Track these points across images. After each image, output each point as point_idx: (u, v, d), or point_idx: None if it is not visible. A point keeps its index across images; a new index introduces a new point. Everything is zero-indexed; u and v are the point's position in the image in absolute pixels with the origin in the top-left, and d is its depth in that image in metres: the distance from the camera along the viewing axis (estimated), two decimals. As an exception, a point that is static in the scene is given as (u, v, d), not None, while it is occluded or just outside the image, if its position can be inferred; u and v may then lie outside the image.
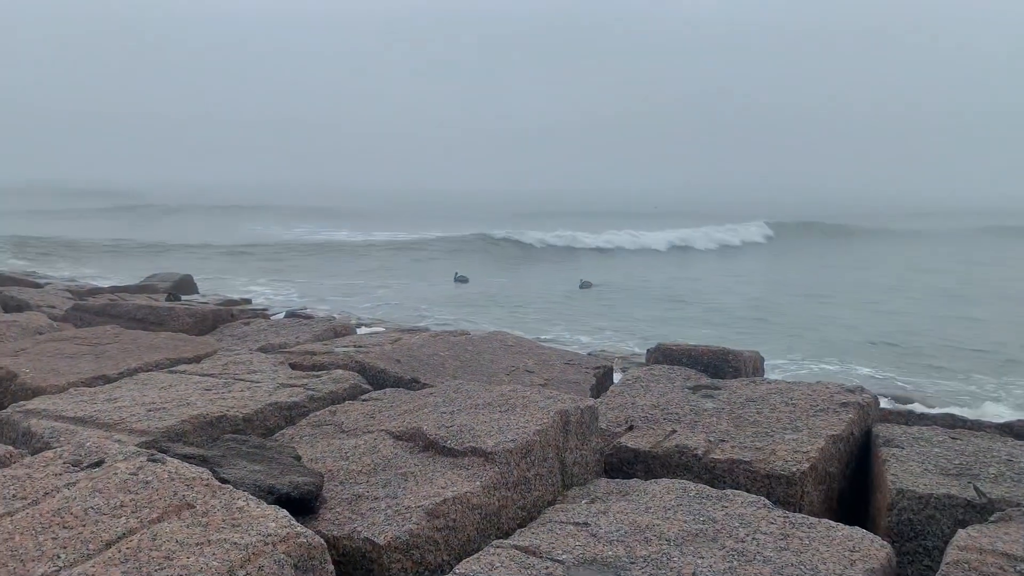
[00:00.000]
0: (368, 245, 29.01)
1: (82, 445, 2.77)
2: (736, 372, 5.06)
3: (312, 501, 2.74)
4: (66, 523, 2.25)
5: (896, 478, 3.32)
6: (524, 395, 3.68)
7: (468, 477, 2.92)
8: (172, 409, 3.74)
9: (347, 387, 4.34)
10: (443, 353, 5.34)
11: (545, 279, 21.09)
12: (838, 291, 18.69)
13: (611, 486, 3.25)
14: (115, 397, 3.98)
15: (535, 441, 3.16)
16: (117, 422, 3.55)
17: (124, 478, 2.50)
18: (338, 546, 2.56)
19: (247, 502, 2.40)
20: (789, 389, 4.41)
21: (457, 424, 3.34)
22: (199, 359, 5.11)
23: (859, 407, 4.07)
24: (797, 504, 3.33)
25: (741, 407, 4.16)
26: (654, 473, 3.60)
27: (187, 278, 13.32)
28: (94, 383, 4.43)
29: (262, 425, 3.78)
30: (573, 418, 3.43)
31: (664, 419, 4.06)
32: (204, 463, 2.77)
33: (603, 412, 4.15)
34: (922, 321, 13.99)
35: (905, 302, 16.58)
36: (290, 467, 2.89)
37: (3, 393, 4.41)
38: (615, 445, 3.77)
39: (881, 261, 27.08)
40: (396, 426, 3.45)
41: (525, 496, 3.04)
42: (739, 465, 3.49)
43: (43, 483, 2.50)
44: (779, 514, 2.82)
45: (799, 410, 4.05)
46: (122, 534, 2.21)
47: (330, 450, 3.31)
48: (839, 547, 2.56)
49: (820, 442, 3.63)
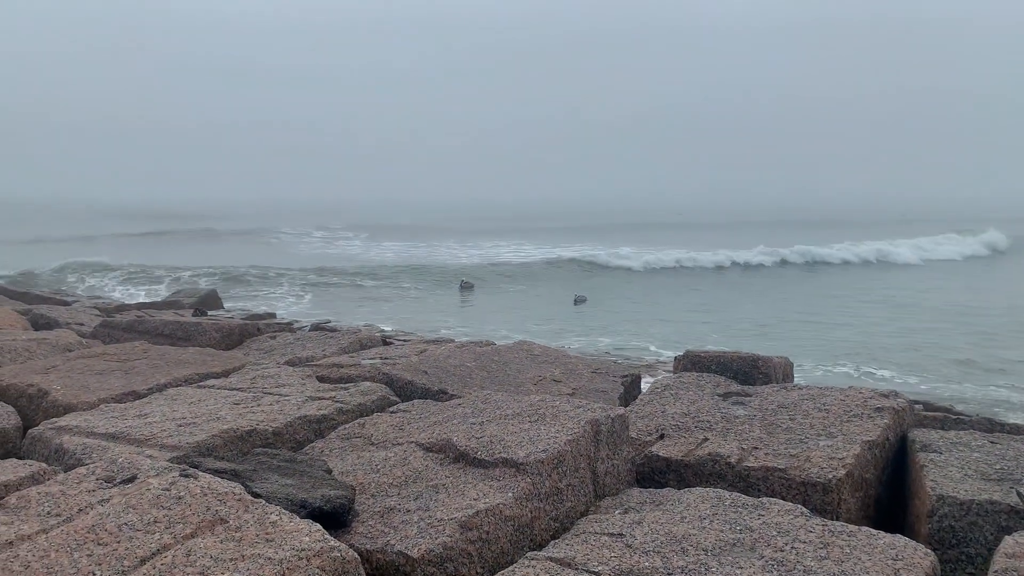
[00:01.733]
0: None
1: (114, 461, 2.78)
2: (767, 378, 5.00)
3: (344, 515, 2.73)
4: (101, 540, 2.25)
5: (936, 484, 3.26)
6: (553, 405, 3.65)
7: (500, 488, 2.89)
8: (202, 424, 3.75)
9: (375, 399, 4.33)
10: (470, 364, 5.32)
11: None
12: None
13: (644, 496, 3.21)
14: (145, 413, 3.99)
15: (566, 451, 3.13)
16: (148, 438, 3.56)
17: (157, 494, 2.50)
18: (371, 559, 2.54)
19: (280, 516, 2.39)
20: (821, 395, 4.34)
21: (487, 435, 3.32)
22: (227, 373, 5.12)
23: (894, 412, 4.00)
24: (834, 512, 3.28)
25: (773, 414, 4.11)
26: (687, 482, 3.55)
27: (212, 293, 13.44)
28: (124, 399, 4.45)
29: (292, 438, 3.78)
30: (604, 427, 3.40)
31: (695, 427, 4.01)
32: (236, 477, 2.76)
33: (633, 421, 4.11)
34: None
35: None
36: (321, 480, 2.88)
37: (35, 410, 4.44)
38: (647, 454, 3.73)
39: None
40: (425, 438, 3.44)
41: (557, 507, 3.01)
42: (773, 473, 3.44)
43: (77, 500, 2.50)
44: (817, 522, 2.77)
45: (832, 416, 3.99)
46: (156, 550, 2.21)
47: (360, 463, 3.30)
48: (881, 556, 2.50)
49: (855, 448, 3.57)
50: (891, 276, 24.83)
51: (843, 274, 26.15)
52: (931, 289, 20.82)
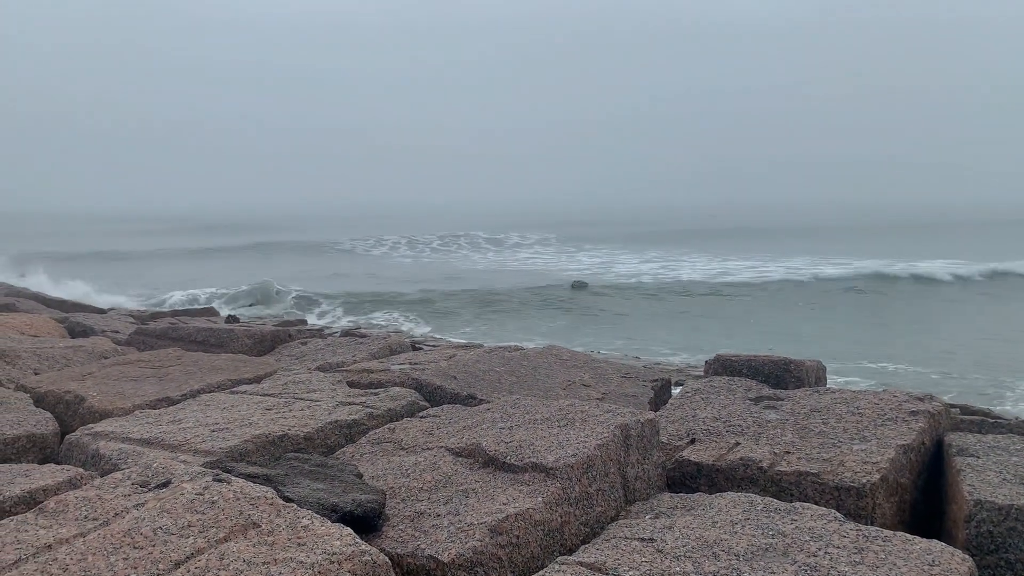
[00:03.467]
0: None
1: (149, 466, 2.82)
2: (799, 382, 4.95)
3: (375, 519, 2.74)
4: (136, 543, 2.28)
5: (973, 488, 3.20)
6: (583, 409, 3.64)
7: (529, 493, 2.89)
8: (235, 429, 3.79)
9: (405, 404, 4.36)
10: (498, 369, 5.32)
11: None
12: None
13: (675, 501, 3.19)
14: (179, 418, 4.05)
15: (596, 456, 3.12)
16: (182, 443, 3.61)
17: (191, 498, 2.53)
18: (402, 564, 2.55)
19: (312, 520, 2.41)
20: (855, 398, 4.29)
21: (516, 440, 3.32)
22: (259, 379, 5.17)
23: (929, 415, 3.94)
24: (868, 517, 3.23)
25: (806, 417, 4.06)
26: (718, 487, 3.52)
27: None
28: (158, 405, 4.52)
29: (323, 443, 3.81)
30: (634, 432, 3.39)
31: (726, 431, 3.98)
32: (268, 482, 2.79)
33: (663, 425, 4.09)
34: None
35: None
36: (352, 485, 2.89)
37: (72, 416, 4.52)
38: (677, 459, 3.71)
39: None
40: (455, 442, 3.44)
41: (588, 512, 3.00)
42: (806, 477, 3.40)
43: (113, 504, 2.54)
44: (851, 527, 2.73)
45: (866, 419, 3.94)
46: (190, 554, 2.23)
47: (390, 467, 3.31)
48: (918, 561, 2.46)
49: (890, 452, 3.52)
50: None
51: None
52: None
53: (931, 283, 24.00)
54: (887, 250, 33.05)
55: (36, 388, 4.90)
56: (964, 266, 26.14)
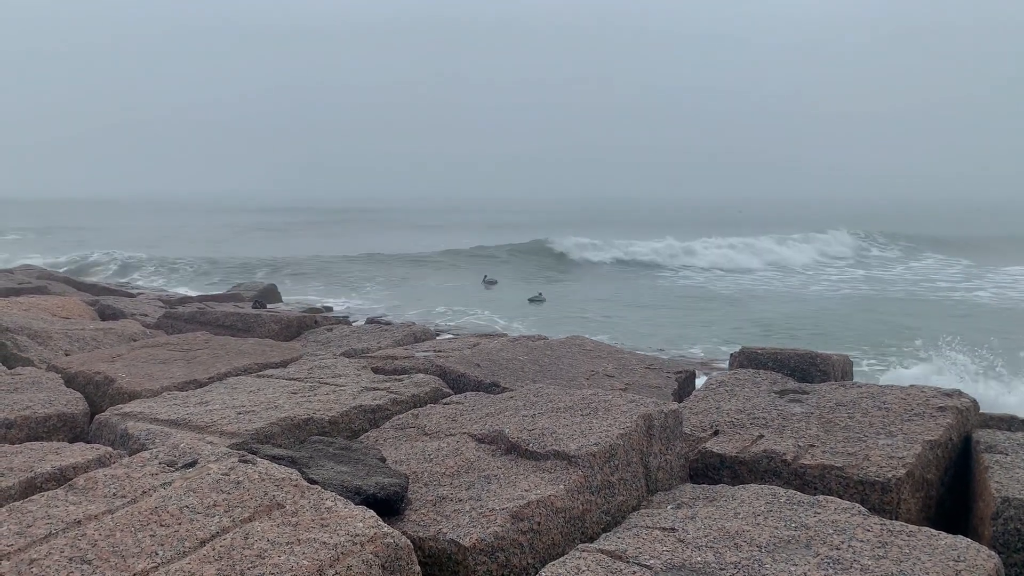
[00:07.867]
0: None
1: (176, 447, 2.86)
2: (824, 376, 4.91)
3: (398, 502, 2.76)
4: (163, 521, 2.32)
5: (1001, 486, 3.16)
6: (606, 399, 3.64)
7: (551, 480, 2.90)
8: (261, 412, 3.83)
9: (428, 391, 4.38)
10: (522, 357, 5.33)
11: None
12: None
13: (698, 491, 3.18)
14: (206, 401, 4.10)
15: (618, 445, 3.12)
16: (209, 424, 3.65)
17: (217, 478, 2.57)
18: (424, 547, 2.57)
19: (335, 502, 2.44)
20: (881, 393, 4.25)
21: (539, 427, 3.32)
22: (285, 364, 5.22)
23: (957, 411, 3.89)
24: (893, 512, 3.20)
25: (831, 411, 4.03)
26: (741, 479, 3.51)
27: (271, 287, 13.71)
28: (186, 387, 4.58)
29: (347, 427, 3.84)
30: (657, 422, 3.38)
31: (751, 424, 3.96)
32: (293, 464, 2.82)
33: (687, 417, 4.07)
34: None
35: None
36: (376, 468, 2.92)
37: (101, 397, 4.59)
38: (700, 450, 3.70)
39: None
40: (478, 429, 3.46)
41: (609, 500, 3.00)
42: (831, 471, 3.37)
43: (141, 483, 2.58)
44: (875, 521, 2.71)
45: (893, 414, 3.90)
46: (216, 532, 2.26)
47: (414, 452, 3.33)
48: (942, 557, 2.44)
49: (916, 447, 3.48)
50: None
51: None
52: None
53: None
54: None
55: (67, 369, 4.98)
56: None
